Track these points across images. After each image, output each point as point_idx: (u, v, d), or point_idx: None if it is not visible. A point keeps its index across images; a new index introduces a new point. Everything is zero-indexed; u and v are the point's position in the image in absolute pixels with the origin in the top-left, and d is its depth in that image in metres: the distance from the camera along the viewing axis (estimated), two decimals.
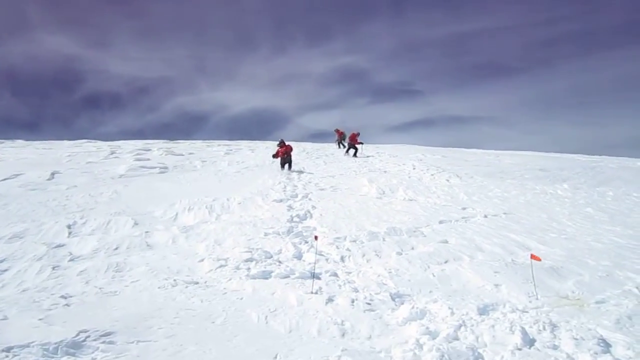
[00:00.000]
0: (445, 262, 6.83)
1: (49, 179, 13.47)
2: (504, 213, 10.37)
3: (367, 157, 20.97)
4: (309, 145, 26.50)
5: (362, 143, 21.59)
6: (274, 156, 16.70)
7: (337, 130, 25.49)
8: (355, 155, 21.16)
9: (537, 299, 5.40)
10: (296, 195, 11.89)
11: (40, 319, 4.55)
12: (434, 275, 6.25)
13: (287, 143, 16.49)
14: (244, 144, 27.22)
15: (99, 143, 24.53)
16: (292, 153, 16.65)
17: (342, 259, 7.10)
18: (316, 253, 6.83)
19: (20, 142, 24.08)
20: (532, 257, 5.73)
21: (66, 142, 24.58)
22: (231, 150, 23.17)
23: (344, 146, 24.68)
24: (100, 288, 5.64)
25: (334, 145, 25.73)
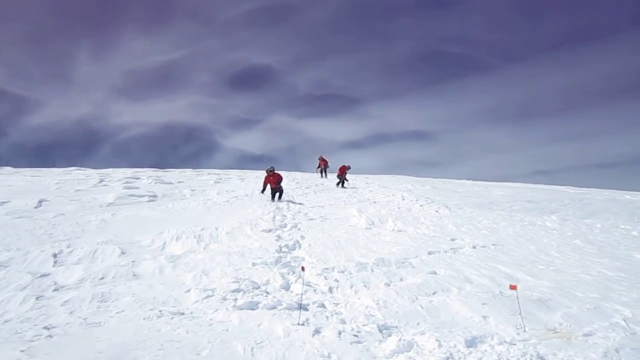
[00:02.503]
0: (434, 293, 6.82)
1: (36, 207, 13.34)
2: (493, 244, 10.43)
3: (356, 187, 21.06)
4: (298, 175, 26.66)
5: (347, 179, 21.69)
6: (262, 191, 16.71)
7: (321, 158, 25.68)
8: (343, 185, 21.30)
9: (524, 331, 5.39)
10: (285, 225, 11.88)
11: (22, 351, 4.45)
12: (422, 307, 6.22)
13: (276, 172, 16.58)
14: (234, 173, 27.31)
15: (89, 171, 24.42)
16: (282, 183, 16.71)
17: (330, 289, 7.06)
18: (304, 284, 6.79)
19: (8, 169, 23.87)
20: (511, 287, 5.78)
21: (55, 170, 24.43)
22: (221, 179, 23.19)
23: (326, 175, 25.04)
24: (84, 319, 5.54)
25: (320, 174, 25.86)
